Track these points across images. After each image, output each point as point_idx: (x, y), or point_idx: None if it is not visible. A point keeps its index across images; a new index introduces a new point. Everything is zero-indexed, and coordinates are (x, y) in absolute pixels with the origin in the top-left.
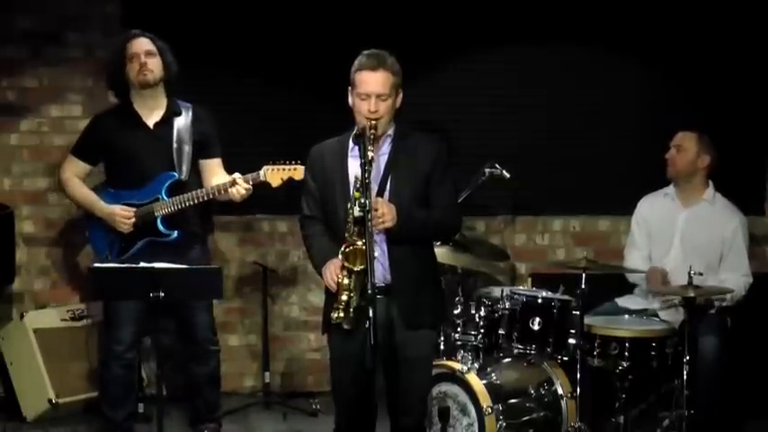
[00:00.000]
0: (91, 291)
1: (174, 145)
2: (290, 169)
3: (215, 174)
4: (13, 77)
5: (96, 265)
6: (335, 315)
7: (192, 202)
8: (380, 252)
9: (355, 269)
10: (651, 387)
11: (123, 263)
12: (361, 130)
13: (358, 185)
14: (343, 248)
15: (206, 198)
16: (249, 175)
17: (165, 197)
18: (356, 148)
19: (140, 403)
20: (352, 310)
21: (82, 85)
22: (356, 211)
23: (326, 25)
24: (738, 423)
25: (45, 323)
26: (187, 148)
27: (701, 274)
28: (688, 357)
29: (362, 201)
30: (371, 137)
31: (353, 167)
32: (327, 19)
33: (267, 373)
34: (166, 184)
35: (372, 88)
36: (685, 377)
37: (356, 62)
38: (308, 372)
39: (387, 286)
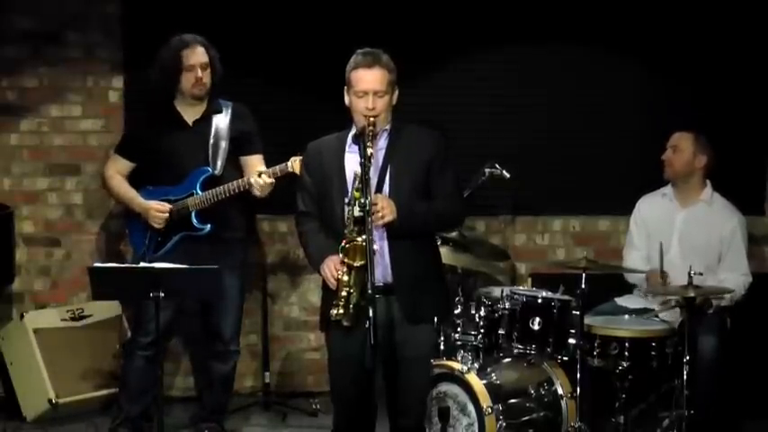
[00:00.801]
0: (91, 291)
1: (211, 141)
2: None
3: (257, 169)
4: (13, 77)
5: (96, 264)
6: (335, 312)
7: (224, 196)
8: (380, 250)
9: (355, 265)
10: (651, 387)
11: (160, 259)
12: (361, 129)
13: (357, 184)
14: (342, 244)
15: (236, 191)
16: (277, 167)
17: (198, 192)
18: (354, 145)
19: None
20: (351, 306)
21: (82, 85)
22: (356, 211)
23: (326, 25)
24: (737, 423)
25: (45, 323)
26: (224, 145)
27: (700, 273)
28: (688, 357)
29: (362, 201)
30: (370, 134)
31: (351, 164)
32: (327, 19)
33: (267, 373)
34: (201, 179)
35: (369, 86)
36: (685, 377)
37: (351, 61)
38: (307, 372)
39: (387, 285)
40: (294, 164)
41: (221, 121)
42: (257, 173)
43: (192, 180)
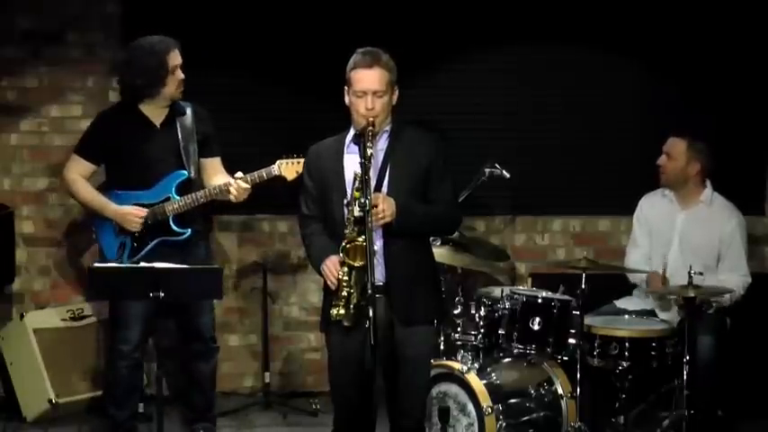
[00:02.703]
0: (91, 291)
1: (181, 144)
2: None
3: (216, 172)
4: (13, 77)
5: (96, 264)
6: (335, 311)
7: (203, 200)
8: (378, 249)
9: (355, 265)
10: (651, 387)
11: (136, 263)
12: (360, 130)
13: (357, 185)
14: (343, 244)
15: (214, 196)
16: (263, 171)
17: (175, 196)
18: (353, 145)
19: (140, 403)
20: (352, 306)
21: (82, 85)
22: (356, 211)
23: (325, 25)
24: (736, 423)
25: (45, 323)
26: (193, 147)
27: (700, 273)
28: (688, 357)
29: (362, 201)
30: (370, 134)
31: (350, 165)
32: (326, 19)
33: (267, 373)
34: (176, 183)
35: (369, 85)
36: (685, 377)
37: (351, 61)
38: (307, 372)
39: (384, 284)
40: (282, 167)
41: (186, 123)
42: (237, 178)
43: (166, 184)
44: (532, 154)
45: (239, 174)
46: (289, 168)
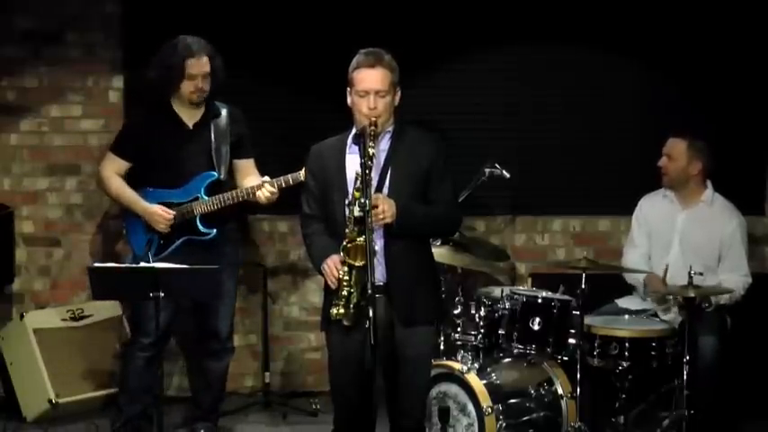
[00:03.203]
0: (91, 291)
1: (213, 145)
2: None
3: (249, 174)
4: (13, 77)
5: (96, 264)
6: (335, 311)
7: (230, 202)
8: (379, 249)
9: (356, 264)
10: (651, 387)
11: (162, 260)
12: (361, 130)
13: (358, 184)
14: (344, 244)
15: (243, 198)
16: (289, 176)
17: (204, 196)
18: (355, 146)
19: None
20: (352, 306)
21: (82, 85)
22: (356, 211)
23: (326, 25)
24: (737, 423)
25: (45, 323)
26: (225, 149)
27: (700, 273)
28: (688, 357)
29: (362, 200)
30: (372, 134)
31: (352, 165)
32: (326, 19)
33: (267, 373)
34: (206, 184)
35: (371, 85)
36: (685, 377)
37: (354, 61)
38: (307, 372)
39: (385, 285)
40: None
41: (220, 125)
42: (259, 184)
43: (196, 184)
44: (532, 154)
45: (266, 178)
46: None
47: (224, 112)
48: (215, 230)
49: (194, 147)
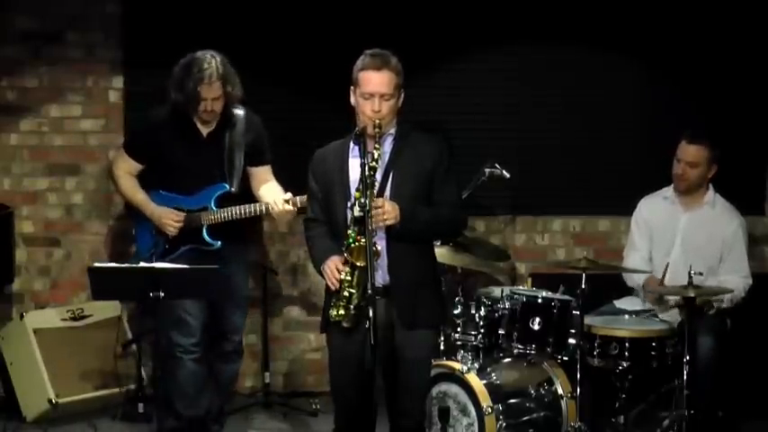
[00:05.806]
0: (91, 291)
1: (227, 156)
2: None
3: (264, 181)
4: (13, 77)
5: (96, 264)
6: (335, 312)
7: (238, 216)
8: (381, 252)
9: (359, 264)
10: (651, 387)
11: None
12: (362, 129)
13: (358, 185)
14: (347, 243)
15: (252, 215)
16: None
17: (213, 207)
18: (356, 148)
19: (140, 403)
20: (352, 307)
21: (82, 85)
22: (356, 212)
23: (326, 25)
24: (736, 423)
25: (45, 323)
26: (239, 159)
27: (701, 274)
28: (688, 357)
29: (362, 201)
30: (376, 136)
31: (354, 168)
32: (327, 19)
33: (267, 373)
34: (216, 195)
35: (376, 88)
36: (685, 377)
37: (359, 62)
38: (307, 372)
39: (386, 287)
40: None
41: (235, 134)
42: (282, 200)
43: (207, 194)
44: (532, 154)
45: (288, 195)
46: None
47: (240, 118)
48: (220, 242)
49: (207, 157)
